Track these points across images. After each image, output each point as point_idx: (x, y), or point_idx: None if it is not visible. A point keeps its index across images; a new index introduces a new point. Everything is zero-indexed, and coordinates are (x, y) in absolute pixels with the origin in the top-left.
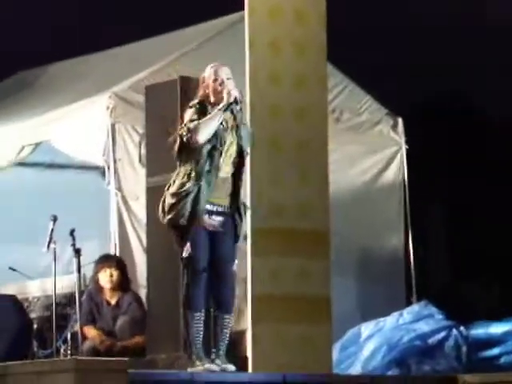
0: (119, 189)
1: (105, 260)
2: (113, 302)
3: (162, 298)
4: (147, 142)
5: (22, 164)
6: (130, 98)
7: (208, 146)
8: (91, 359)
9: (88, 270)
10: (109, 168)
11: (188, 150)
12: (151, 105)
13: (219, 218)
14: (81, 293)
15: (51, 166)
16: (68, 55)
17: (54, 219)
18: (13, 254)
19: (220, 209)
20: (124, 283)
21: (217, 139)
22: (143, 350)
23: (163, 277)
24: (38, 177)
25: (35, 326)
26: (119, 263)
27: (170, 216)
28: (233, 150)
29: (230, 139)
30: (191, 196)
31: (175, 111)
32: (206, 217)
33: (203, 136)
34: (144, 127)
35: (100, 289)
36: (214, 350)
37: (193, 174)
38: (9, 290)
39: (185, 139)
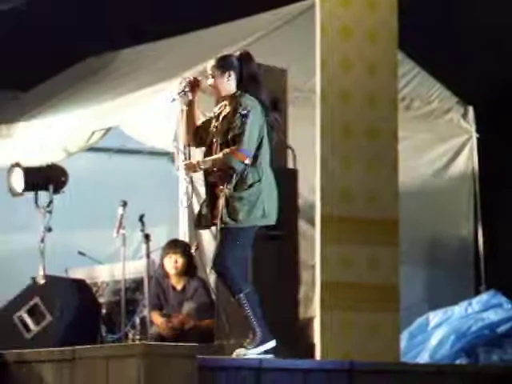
0: (188, 175)
1: (170, 246)
2: (179, 287)
3: None
4: None
5: (92, 149)
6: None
7: None
8: (160, 344)
9: (157, 256)
10: (178, 154)
11: None
12: None
13: None
14: (149, 278)
15: (121, 151)
16: (139, 41)
17: (124, 204)
18: (82, 239)
19: None
20: (189, 269)
21: None
22: (211, 334)
23: None
24: (108, 162)
25: (104, 310)
26: (185, 250)
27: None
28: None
29: None
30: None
31: None
32: None
33: None
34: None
35: (166, 274)
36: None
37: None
38: (78, 274)
39: None
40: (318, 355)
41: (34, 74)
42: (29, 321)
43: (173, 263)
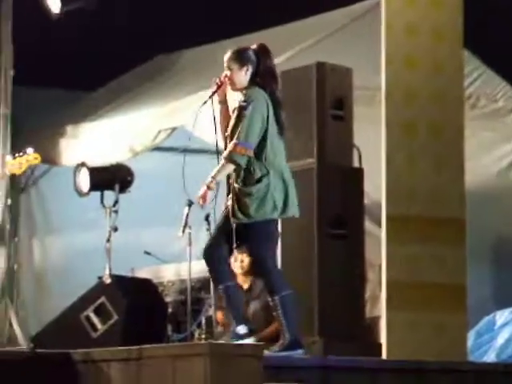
0: None
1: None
2: (245, 286)
3: (296, 282)
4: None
5: (157, 149)
6: None
7: None
8: (225, 343)
9: None
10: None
11: None
12: (287, 90)
13: None
14: None
15: (186, 151)
16: (205, 40)
17: (190, 204)
18: (148, 238)
19: None
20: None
21: None
22: (277, 335)
23: (298, 261)
24: (173, 161)
25: (170, 309)
26: None
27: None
28: None
29: None
30: None
31: (310, 97)
32: None
33: None
34: None
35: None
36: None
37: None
38: (144, 273)
39: None
40: (384, 354)
41: (101, 73)
42: (95, 320)
43: (239, 263)
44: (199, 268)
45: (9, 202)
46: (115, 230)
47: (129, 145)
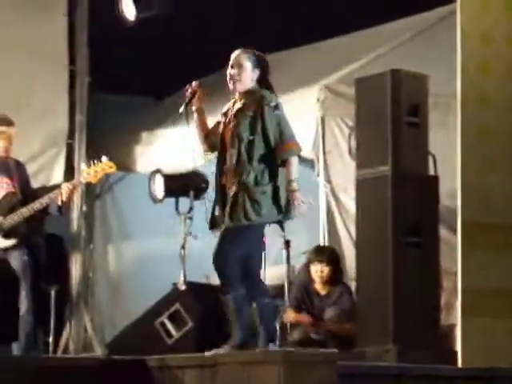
0: (328, 181)
1: (317, 254)
2: (323, 292)
3: (371, 290)
4: (357, 135)
5: None
6: (340, 90)
7: None
8: (300, 351)
9: (297, 262)
10: (318, 160)
11: None
12: (361, 97)
13: None
14: (290, 284)
15: None
16: (278, 48)
17: None
18: None
19: None
20: (334, 277)
21: None
22: (351, 340)
23: (373, 269)
24: None
25: None
26: (331, 258)
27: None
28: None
29: None
30: None
31: (385, 104)
32: None
33: None
34: (354, 120)
35: (311, 279)
36: None
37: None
38: (219, 280)
39: None
40: (459, 362)
41: (175, 80)
42: (170, 326)
43: (318, 272)
44: (274, 274)
45: (84, 208)
46: (191, 236)
47: (203, 151)
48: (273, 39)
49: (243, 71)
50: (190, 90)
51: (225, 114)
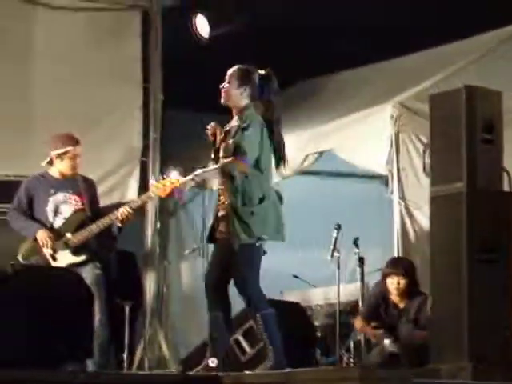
0: (402, 198)
1: (393, 266)
2: (401, 305)
3: (445, 307)
4: (431, 152)
5: (304, 172)
6: (414, 107)
7: None
8: (375, 368)
9: (371, 279)
10: (392, 177)
11: None
12: (435, 114)
13: None
14: (364, 301)
15: (334, 174)
16: (353, 65)
17: (338, 228)
18: (297, 262)
19: None
20: (411, 289)
21: None
22: (424, 355)
23: (447, 286)
24: (321, 185)
25: (318, 333)
26: (407, 271)
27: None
28: None
29: None
30: None
31: (460, 121)
32: None
33: None
34: (428, 136)
35: (388, 291)
36: None
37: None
38: (293, 297)
39: None
40: None
41: None
42: (244, 343)
43: (395, 284)
44: (348, 292)
45: (158, 225)
46: (264, 253)
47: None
48: (348, 56)
49: (230, 87)
50: (210, 132)
51: (224, 132)
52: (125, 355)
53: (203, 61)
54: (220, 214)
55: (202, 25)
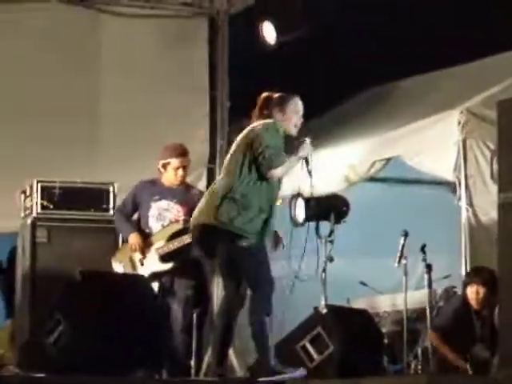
0: (470, 204)
1: (474, 275)
2: (484, 313)
3: None
4: (499, 158)
5: (372, 179)
6: (481, 113)
7: None
8: (445, 375)
9: (439, 286)
10: (460, 184)
11: None
12: (503, 120)
13: None
14: (431, 308)
15: (401, 181)
16: (421, 71)
17: (405, 234)
18: (364, 269)
19: None
20: (491, 298)
21: None
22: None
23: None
24: (388, 192)
25: (385, 340)
26: (487, 279)
27: None
28: None
29: None
30: None
31: None
32: None
33: (278, 175)
34: (496, 143)
35: (467, 303)
36: None
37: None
38: (360, 304)
39: (261, 165)
40: None
41: (316, 105)
42: (312, 350)
43: (474, 294)
44: (415, 299)
45: None
46: (331, 260)
47: (345, 175)
48: (415, 62)
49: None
50: None
51: None
52: (192, 362)
53: (269, 67)
54: None
55: (269, 31)
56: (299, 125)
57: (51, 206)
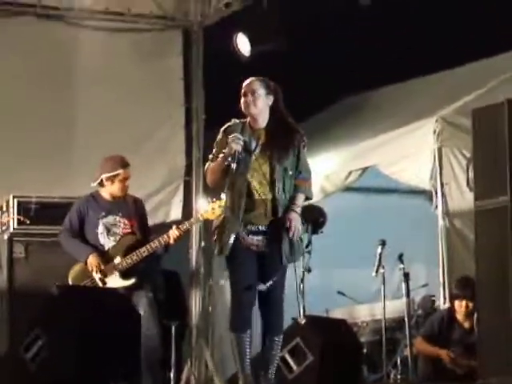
0: (446, 213)
1: (462, 288)
2: (466, 325)
3: (492, 321)
4: (475, 166)
5: (348, 189)
6: (456, 121)
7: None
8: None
9: (416, 294)
10: (436, 192)
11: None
12: (478, 128)
13: (259, 238)
14: (410, 317)
15: (377, 190)
16: (394, 80)
17: (383, 244)
18: (342, 279)
19: (261, 228)
20: None
21: (238, 164)
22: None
23: (493, 300)
24: (365, 201)
25: (364, 350)
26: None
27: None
28: (265, 170)
29: (264, 158)
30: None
31: (502, 134)
32: (246, 236)
33: (210, 181)
34: (471, 151)
35: (454, 312)
36: (262, 372)
37: (228, 203)
38: (338, 314)
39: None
40: None
41: (295, 115)
42: (291, 361)
43: (463, 308)
44: (393, 308)
45: (202, 244)
46: (309, 270)
47: (320, 185)
48: (388, 72)
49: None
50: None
51: None
52: (172, 374)
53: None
54: None
55: (244, 43)
56: (245, 106)
57: (28, 222)
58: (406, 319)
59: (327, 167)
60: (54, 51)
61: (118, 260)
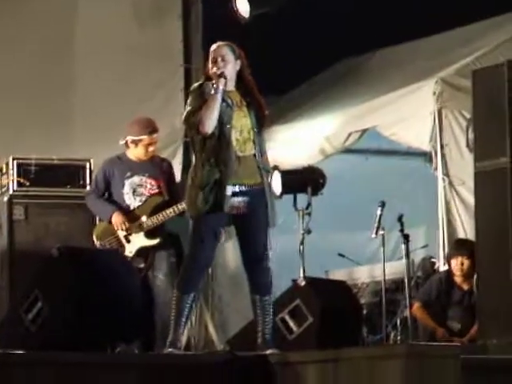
0: (446, 174)
1: (458, 247)
2: (465, 287)
3: (492, 283)
4: (475, 127)
5: (348, 150)
6: (456, 82)
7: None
8: (423, 344)
9: (416, 256)
10: (436, 153)
11: (198, 139)
12: (478, 89)
13: (243, 199)
14: (409, 278)
15: (377, 152)
16: (394, 42)
17: (382, 205)
18: (341, 241)
19: (244, 188)
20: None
21: (223, 120)
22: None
23: (493, 262)
24: (364, 163)
25: (364, 311)
26: (471, 252)
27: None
28: (248, 127)
29: (242, 115)
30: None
31: (503, 95)
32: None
33: (208, 127)
34: (471, 112)
35: (452, 273)
36: (259, 334)
37: (212, 161)
38: (338, 276)
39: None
40: None
41: (291, 77)
42: (291, 322)
43: (459, 265)
44: (393, 269)
45: None
46: (308, 232)
47: (320, 147)
48: (388, 33)
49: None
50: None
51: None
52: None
53: (244, 40)
54: None
55: (243, 4)
56: (215, 69)
57: (28, 183)
58: (405, 281)
59: (327, 129)
60: (52, 17)
61: (143, 219)
